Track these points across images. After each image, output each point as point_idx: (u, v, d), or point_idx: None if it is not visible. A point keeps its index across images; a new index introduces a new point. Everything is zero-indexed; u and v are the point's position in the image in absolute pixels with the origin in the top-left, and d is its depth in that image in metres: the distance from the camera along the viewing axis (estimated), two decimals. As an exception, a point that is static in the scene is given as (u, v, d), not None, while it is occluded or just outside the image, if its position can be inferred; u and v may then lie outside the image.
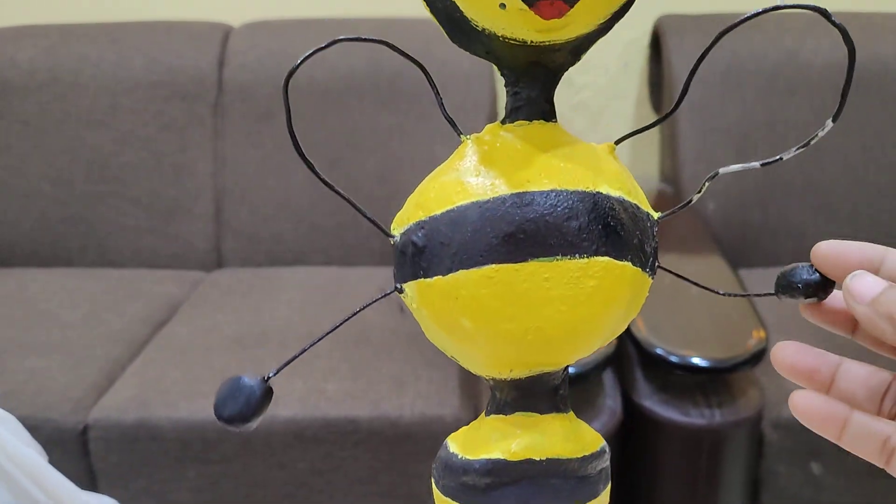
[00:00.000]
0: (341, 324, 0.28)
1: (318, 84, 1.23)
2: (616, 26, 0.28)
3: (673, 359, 0.85)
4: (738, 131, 1.21)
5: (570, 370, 0.29)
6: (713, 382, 0.90)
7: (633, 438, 0.89)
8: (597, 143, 0.30)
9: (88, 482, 0.91)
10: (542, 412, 0.28)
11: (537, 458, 0.27)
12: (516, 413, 0.28)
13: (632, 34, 1.30)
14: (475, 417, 0.30)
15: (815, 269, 0.29)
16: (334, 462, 0.90)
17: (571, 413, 0.29)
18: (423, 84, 0.28)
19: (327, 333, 0.28)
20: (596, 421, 0.86)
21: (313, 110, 1.23)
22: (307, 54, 0.26)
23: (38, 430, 0.85)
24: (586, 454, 0.28)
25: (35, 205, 1.27)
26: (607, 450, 0.29)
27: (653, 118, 1.30)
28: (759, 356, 0.86)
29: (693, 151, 1.22)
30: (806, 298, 0.29)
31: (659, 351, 0.86)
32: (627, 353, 0.94)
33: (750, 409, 0.89)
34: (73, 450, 0.91)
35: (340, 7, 1.28)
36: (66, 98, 1.25)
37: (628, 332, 0.90)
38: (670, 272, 0.31)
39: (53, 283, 1.19)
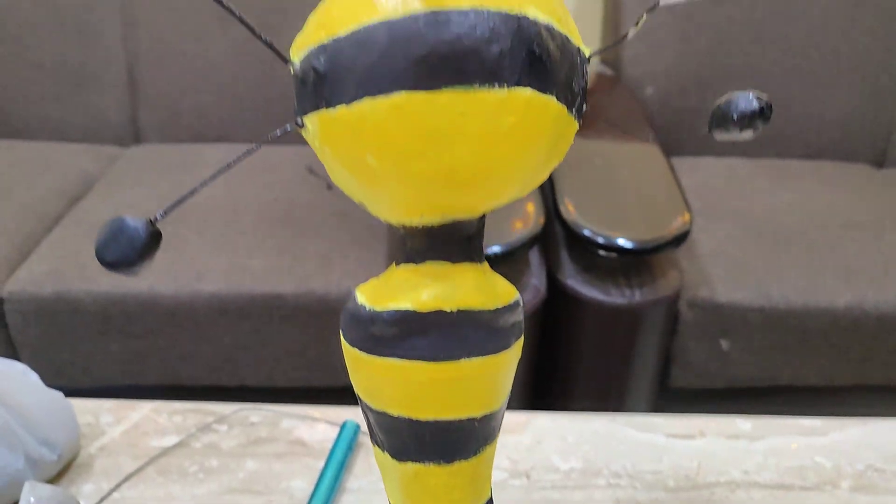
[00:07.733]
0: (235, 161, 0.26)
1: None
2: None
3: (599, 239, 0.93)
4: (682, 10, 1.26)
5: (497, 248, 0.30)
6: (636, 263, 0.99)
7: (555, 315, 0.99)
8: None
9: (11, 355, 0.96)
10: (454, 261, 0.28)
11: (448, 310, 0.28)
12: (427, 262, 0.28)
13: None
14: None
15: (756, 97, 0.29)
16: (260, 337, 0.97)
17: (486, 264, 0.29)
18: None
19: (222, 170, 0.27)
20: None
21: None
22: None
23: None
24: (499, 307, 0.28)
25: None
26: (521, 302, 0.30)
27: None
28: (682, 238, 0.95)
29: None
30: (741, 131, 0.27)
31: (586, 232, 0.94)
32: (554, 233, 1.02)
33: (669, 289, 0.98)
34: (-12, 322, 0.95)
35: None
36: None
37: (556, 211, 0.98)
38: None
39: (-48, 153, 1.19)
